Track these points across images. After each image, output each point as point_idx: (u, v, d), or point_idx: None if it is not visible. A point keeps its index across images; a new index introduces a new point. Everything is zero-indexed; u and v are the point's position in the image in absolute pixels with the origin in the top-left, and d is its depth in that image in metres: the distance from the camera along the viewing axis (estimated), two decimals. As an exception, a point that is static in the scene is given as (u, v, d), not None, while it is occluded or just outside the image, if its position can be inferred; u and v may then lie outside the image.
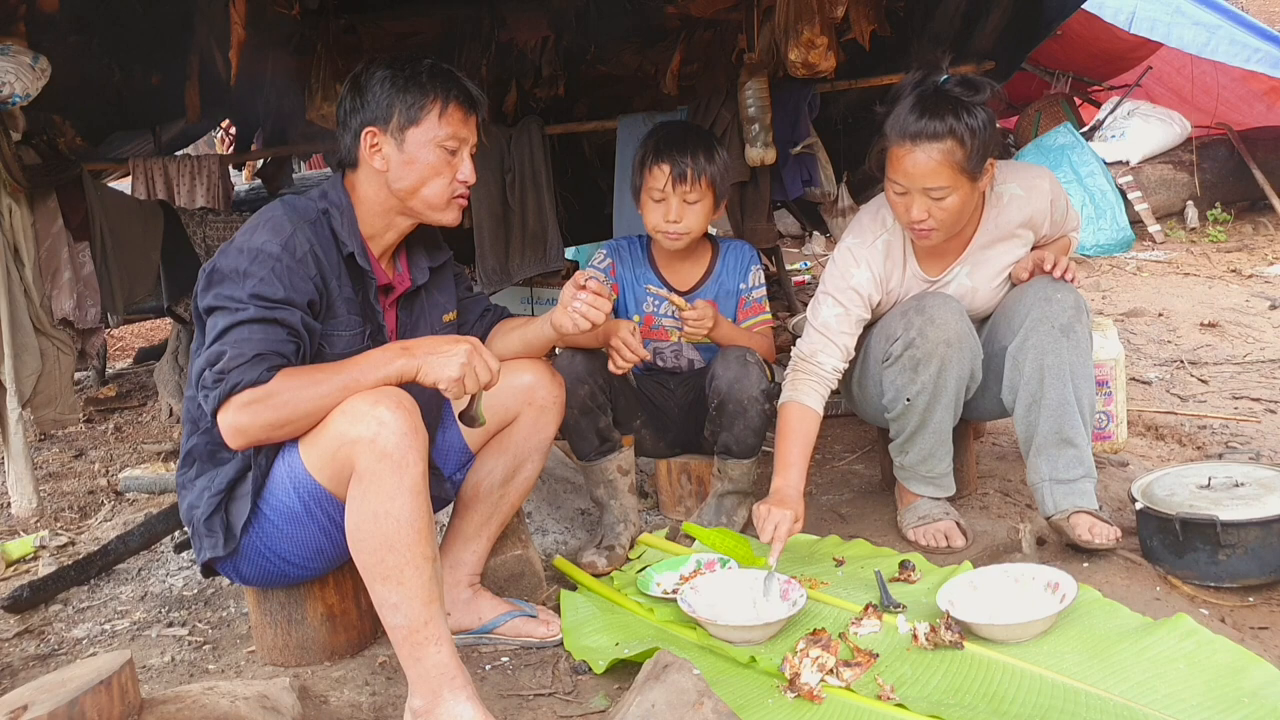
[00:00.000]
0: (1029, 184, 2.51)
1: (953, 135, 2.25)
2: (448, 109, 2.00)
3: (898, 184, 2.34)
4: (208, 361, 1.83)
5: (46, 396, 3.08)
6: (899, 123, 2.30)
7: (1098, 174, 6.71)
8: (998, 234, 2.50)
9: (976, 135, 2.27)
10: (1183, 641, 1.89)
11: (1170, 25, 6.22)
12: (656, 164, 2.66)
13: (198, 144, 6.58)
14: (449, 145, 2.01)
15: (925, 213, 2.32)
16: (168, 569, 2.83)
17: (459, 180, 2.04)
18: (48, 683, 1.60)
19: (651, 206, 2.70)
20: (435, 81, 2.00)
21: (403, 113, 1.98)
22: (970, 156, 2.27)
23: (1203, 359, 4.39)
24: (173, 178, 4.37)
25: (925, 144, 2.26)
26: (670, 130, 2.75)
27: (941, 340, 2.40)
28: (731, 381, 2.60)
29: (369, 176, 2.03)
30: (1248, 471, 2.37)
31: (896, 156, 2.32)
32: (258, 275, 1.86)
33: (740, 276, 2.84)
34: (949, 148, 2.25)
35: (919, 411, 2.48)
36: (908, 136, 2.28)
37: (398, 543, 1.75)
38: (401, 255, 2.15)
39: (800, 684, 1.87)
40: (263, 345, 1.82)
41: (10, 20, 2.77)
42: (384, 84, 1.99)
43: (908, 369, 2.45)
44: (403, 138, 1.99)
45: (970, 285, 2.53)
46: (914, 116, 2.27)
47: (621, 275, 2.85)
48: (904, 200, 2.35)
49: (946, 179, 2.28)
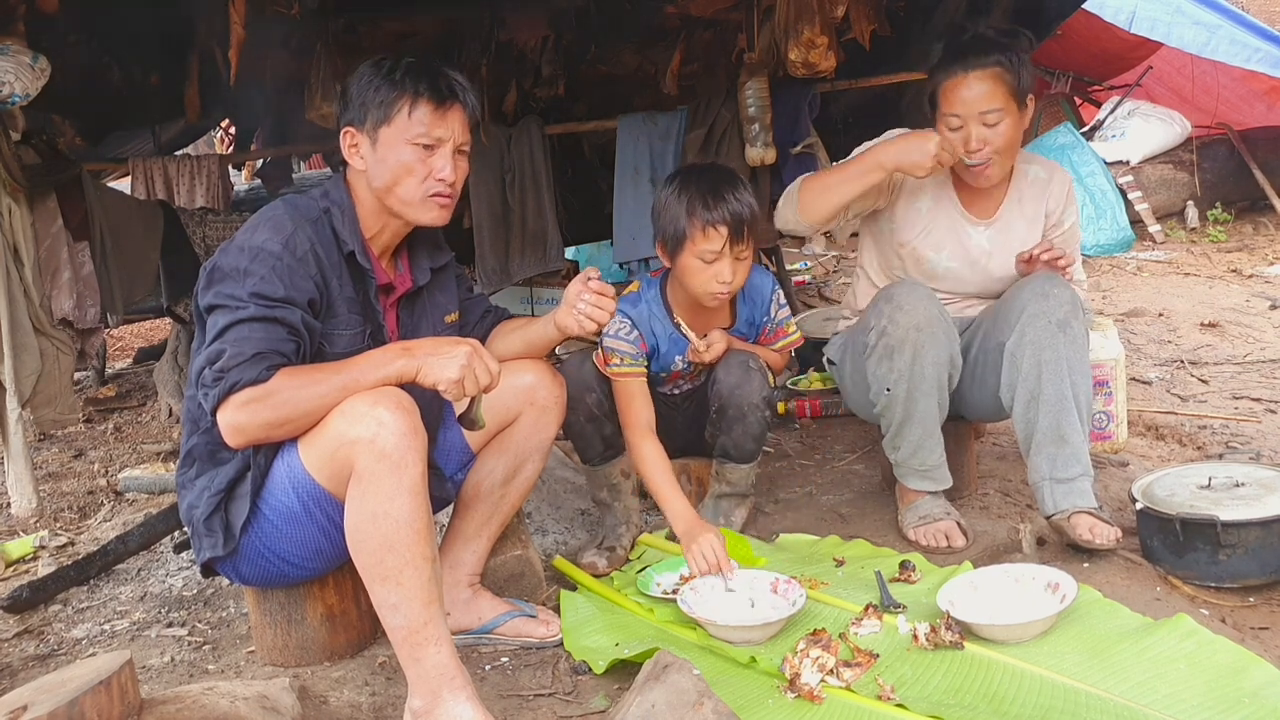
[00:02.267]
0: (1050, 170, 2.68)
1: (1000, 63, 2.43)
2: (417, 104, 1.96)
3: (954, 116, 2.47)
4: (207, 360, 1.82)
5: (46, 396, 3.07)
6: (950, 60, 2.50)
7: (1098, 174, 6.71)
8: (1020, 210, 2.63)
9: (1020, 62, 2.46)
10: (1183, 642, 1.89)
11: (1170, 25, 6.22)
12: (712, 226, 2.44)
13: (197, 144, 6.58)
14: (422, 141, 1.97)
15: (982, 141, 2.45)
16: (167, 569, 2.83)
17: (437, 178, 1.99)
18: (47, 683, 1.59)
19: (699, 268, 2.48)
20: (407, 78, 1.96)
21: (374, 111, 1.96)
22: (1018, 82, 2.45)
23: (1203, 359, 4.38)
24: (172, 177, 4.37)
25: (977, 69, 2.43)
26: (708, 181, 2.49)
27: (911, 326, 2.42)
28: (733, 387, 2.59)
29: (356, 177, 2.04)
30: (1248, 472, 2.37)
31: (951, 88, 2.47)
32: (258, 274, 1.86)
33: (763, 310, 2.75)
34: (998, 72, 2.43)
35: (901, 401, 2.47)
36: (960, 65, 2.45)
37: (397, 543, 1.75)
38: (403, 256, 2.15)
39: (800, 684, 1.87)
40: (262, 344, 1.82)
41: (10, 20, 2.76)
42: (362, 81, 1.98)
43: (884, 358, 2.46)
44: (376, 136, 1.97)
45: (988, 249, 2.63)
46: (964, 50, 2.48)
47: (653, 344, 2.68)
48: (960, 133, 2.47)
49: (1000, 100, 2.43)
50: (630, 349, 2.60)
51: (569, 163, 4.64)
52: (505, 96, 4.51)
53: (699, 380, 2.78)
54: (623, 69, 4.73)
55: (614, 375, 2.58)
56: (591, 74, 4.69)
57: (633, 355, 2.60)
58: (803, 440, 3.48)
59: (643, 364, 2.62)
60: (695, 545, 2.31)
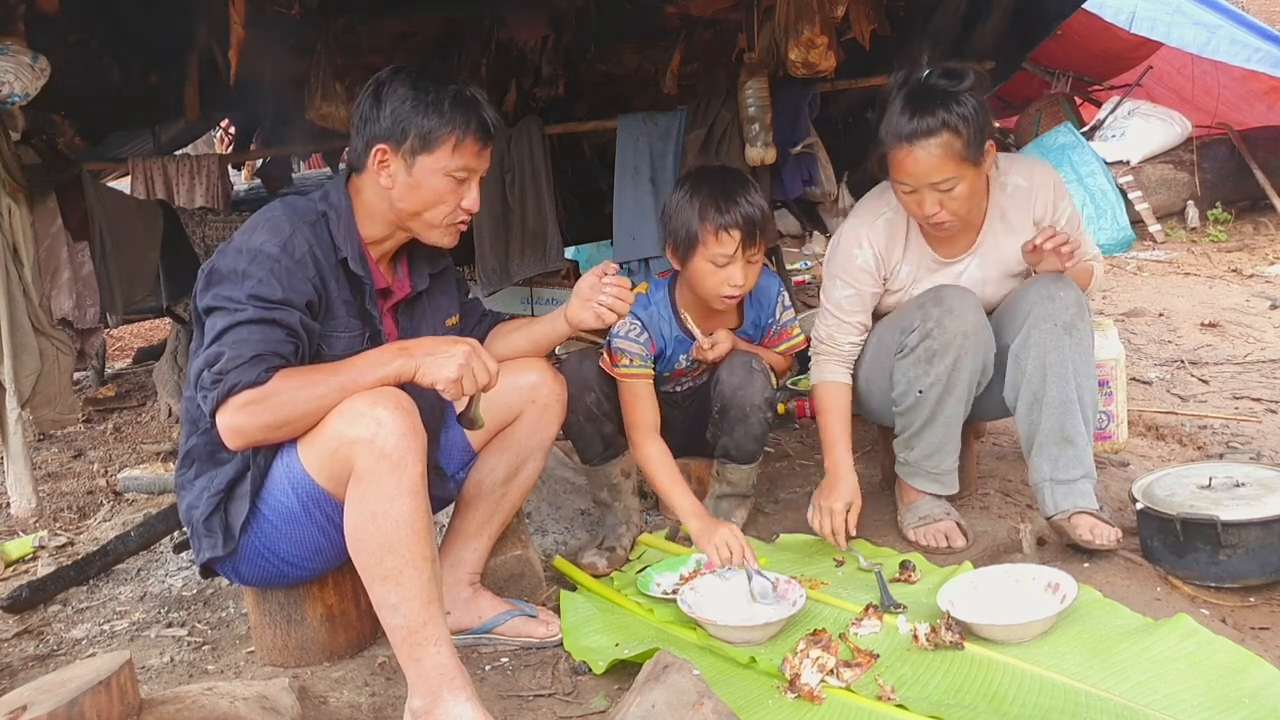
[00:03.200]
0: (1029, 174, 2.54)
1: (947, 127, 2.27)
2: (464, 141, 1.96)
3: (904, 184, 2.37)
4: (206, 362, 1.82)
5: (45, 396, 3.07)
6: (892, 126, 2.33)
7: (1098, 174, 6.68)
8: (1006, 227, 2.52)
9: (970, 122, 2.29)
10: (1183, 642, 1.89)
11: (1171, 25, 6.22)
12: (725, 230, 2.44)
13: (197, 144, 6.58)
14: (459, 175, 1.98)
15: (937, 205, 2.35)
16: (167, 569, 2.83)
17: (462, 208, 2.01)
18: (47, 683, 1.59)
19: (711, 271, 2.50)
20: (456, 111, 1.95)
21: (417, 137, 1.94)
22: (969, 144, 2.30)
23: (1203, 359, 4.38)
24: (172, 177, 4.37)
25: (922, 141, 2.28)
26: (719, 185, 2.50)
27: (959, 332, 2.40)
28: (736, 387, 2.59)
29: (373, 187, 2.01)
30: (1248, 472, 2.37)
31: (897, 160, 2.34)
32: (256, 276, 1.85)
33: (769, 312, 2.77)
34: (946, 140, 2.28)
35: (930, 404, 2.46)
36: (904, 138, 2.31)
37: (396, 543, 1.74)
38: (403, 260, 2.14)
39: (800, 684, 1.87)
40: (261, 346, 1.82)
41: (10, 20, 2.76)
42: (404, 103, 1.94)
43: (922, 360, 2.44)
44: (413, 162, 1.95)
45: (980, 276, 2.55)
46: (905, 117, 2.30)
47: (661, 346, 2.69)
48: (914, 198, 2.37)
49: (951, 170, 2.30)
50: (640, 350, 2.60)
51: (569, 163, 4.64)
52: (505, 96, 4.51)
53: (701, 379, 2.78)
54: (623, 69, 4.73)
55: (621, 376, 2.59)
56: (591, 74, 4.69)
57: (642, 357, 2.60)
58: (803, 440, 3.48)
59: (650, 366, 2.63)
60: (714, 539, 2.33)
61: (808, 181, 3.93)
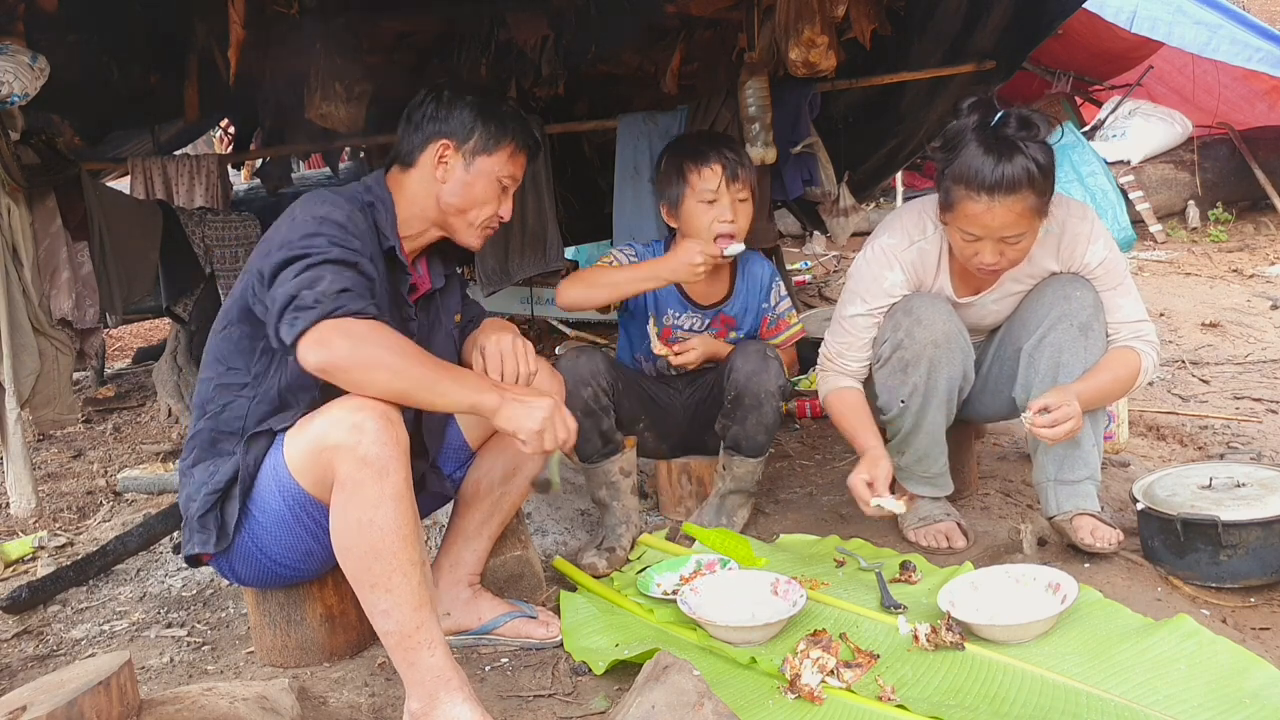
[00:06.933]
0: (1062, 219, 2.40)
1: (1030, 185, 2.19)
2: (519, 152, 2.12)
3: (970, 233, 2.28)
4: (302, 285, 1.77)
5: (45, 396, 3.07)
6: (970, 174, 2.22)
7: (1099, 173, 6.69)
8: (1030, 268, 2.44)
9: (1048, 176, 2.23)
10: (1184, 642, 1.89)
11: (1171, 24, 6.21)
12: (705, 165, 2.60)
13: (197, 144, 6.58)
14: (505, 182, 2.11)
15: (998, 256, 2.29)
16: (166, 570, 2.83)
17: (499, 215, 2.13)
18: (46, 683, 1.59)
19: (701, 210, 2.61)
20: (514, 123, 2.11)
21: (482, 139, 2.06)
22: (1043, 199, 2.24)
23: (1204, 359, 4.38)
24: (171, 177, 4.36)
25: (1003, 197, 2.19)
26: (695, 138, 2.70)
27: (929, 341, 2.40)
28: (750, 374, 2.58)
29: (423, 182, 2.06)
30: (1249, 472, 2.37)
31: (971, 211, 2.24)
32: (329, 234, 1.86)
33: (762, 295, 2.80)
34: (1025, 196, 2.20)
35: (913, 413, 2.47)
36: (984, 190, 2.20)
37: (384, 550, 1.74)
38: (423, 259, 2.18)
39: (801, 685, 1.86)
40: (355, 285, 1.81)
41: (9, 20, 2.76)
42: (472, 108, 2.07)
43: (897, 371, 2.45)
44: (472, 161, 2.07)
45: (995, 310, 2.53)
46: (987, 167, 2.19)
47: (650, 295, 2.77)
48: (974, 246, 2.29)
49: (1025, 226, 2.24)
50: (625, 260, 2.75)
51: (569, 162, 4.63)
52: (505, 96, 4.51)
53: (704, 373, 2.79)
54: (623, 69, 4.72)
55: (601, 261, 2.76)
56: (591, 73, 4.68)
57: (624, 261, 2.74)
58: (803, 440, 3.48)
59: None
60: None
61: (808, 181, 3.92)
